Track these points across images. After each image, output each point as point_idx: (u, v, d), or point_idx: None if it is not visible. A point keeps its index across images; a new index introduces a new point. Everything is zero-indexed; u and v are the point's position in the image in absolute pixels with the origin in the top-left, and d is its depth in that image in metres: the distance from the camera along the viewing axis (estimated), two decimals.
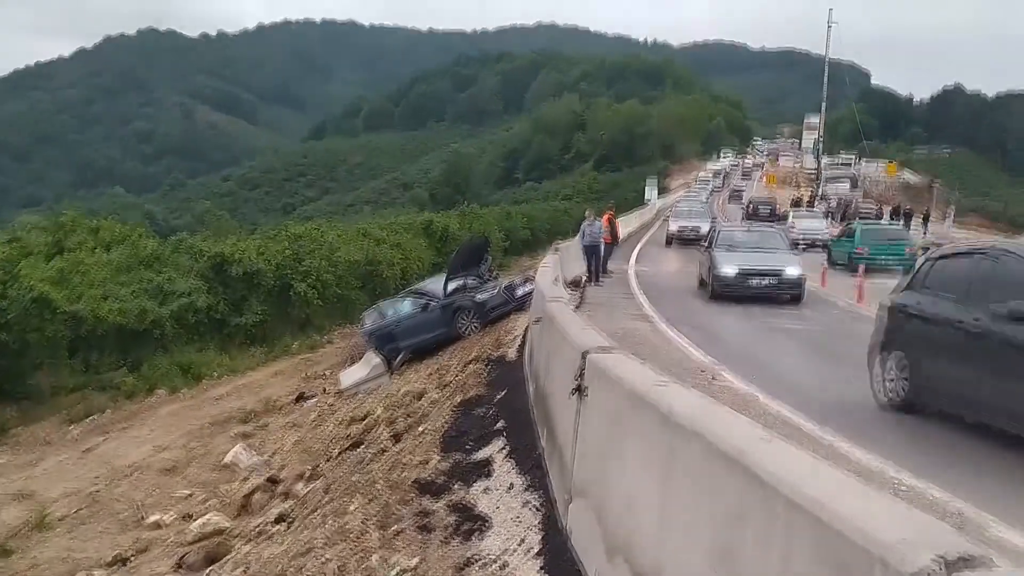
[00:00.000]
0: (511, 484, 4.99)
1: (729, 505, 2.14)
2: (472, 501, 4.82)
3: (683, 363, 9.08)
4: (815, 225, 32.09)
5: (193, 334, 20.65)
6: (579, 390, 3.95)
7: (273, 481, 9.43)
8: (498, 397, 7.88)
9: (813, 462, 2.08)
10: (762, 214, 41.33)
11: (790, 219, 34.74)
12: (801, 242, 27.19)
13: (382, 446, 8.46)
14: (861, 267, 18.58)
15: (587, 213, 19.78)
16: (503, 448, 5.87)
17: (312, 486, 8.39)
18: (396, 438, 8.56)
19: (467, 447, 6.21)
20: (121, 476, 12.72)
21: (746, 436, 2.28)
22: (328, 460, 9.52)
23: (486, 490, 5.00)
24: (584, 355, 3.94)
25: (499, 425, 6.61)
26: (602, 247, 19.24)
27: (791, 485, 1.82)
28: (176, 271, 21.35)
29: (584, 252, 19.08)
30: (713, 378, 8.13)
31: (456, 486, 5.12)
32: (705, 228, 26.20)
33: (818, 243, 28.32)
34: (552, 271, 11.15)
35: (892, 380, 6.98)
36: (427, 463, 5.70)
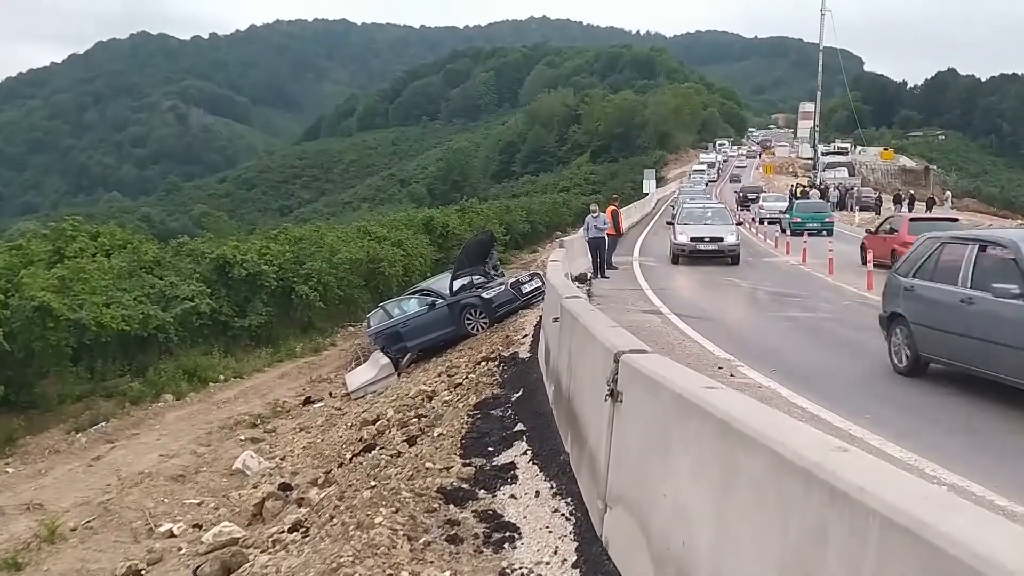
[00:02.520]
0: (537, 491, 4.86)
1: (806, 521, 2.02)
2: (500, 509, 4.70)
3: (700, 358, 8.94)
4: (777, 205, 39.24)
5: (198, 337, 20.52)
6: (612, 395, 3.82)
7: (285, 488, 9.29)
8: (515, 397, 7.77)
9: (900, 475, 1.95)
10: (751, 199, 48.09)
11: (760, 200, 43.47)
12: (767, 217, 36.61)
13: (396, 449, 8.33)
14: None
15: (592, 206, 19.62)
16: (526, 452, 5.75)
17: (326, 492, 8.26)
18: (410, 441, 8.43)
19: (488, 451, 6.09)
20: (131, 484, 12.58)
21: (818, 445, 2.15)
22: (341, 465, 9.38)
23: (512, 496, 4.87)
24: (617, 357, 3.81)
25: (519, 427, 6.49)
26: (606, 240, 19.09)
27: (886, 501, 1.69)
28: (178, 275, 21.19)
29: (589, 246, 18.94)
30: (732, 374, 7.99)
31: (481, 493, 4.99)
32: (732, 238, 20.66)
33: (776, 219, 35.00)
34: (563, 267, 11.01)
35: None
36: (450, 469, 5.57)
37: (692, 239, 20.63)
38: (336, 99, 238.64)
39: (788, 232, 28.29)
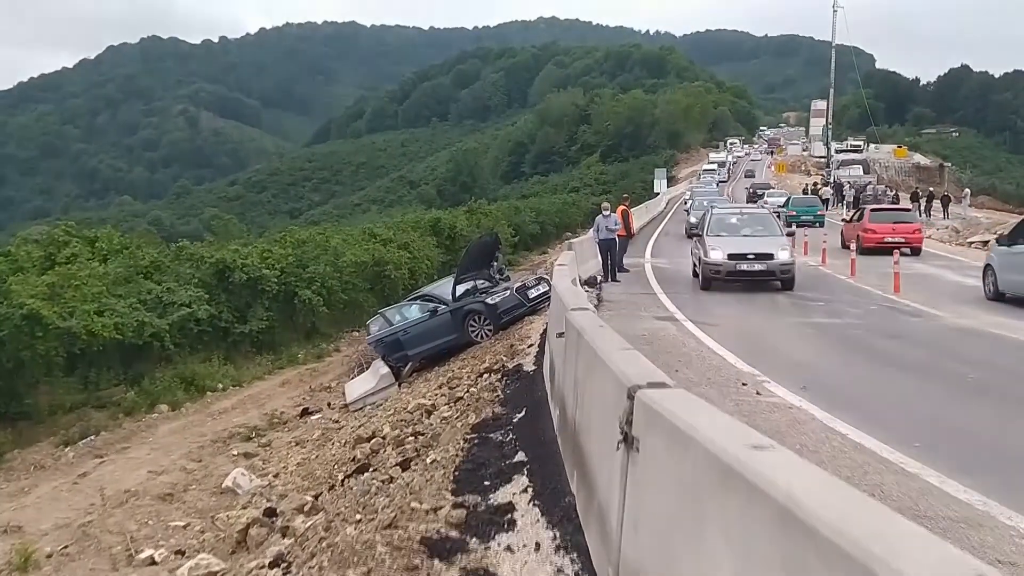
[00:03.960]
0: (538, 542, 4.11)
1: None
2: (492, 566, 3.95)
3: (721, 371, 8.17)
4: (778, 201, 38.76)
5: (196, 344, 19.90)
6: (626, 440, 3.07)
7: (271, 513, 8.59)
8: (516, 419, 7.02)
9: None
10: (759, 195, 47.92)
11: (765, 196, 44.15)
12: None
13: (389, 474, 7.63)
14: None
15: (603, 206, 18.83)
16: (526, 489, 5.00)
17: (312, 521, 7.56)
18: (404, 464, 7.73)
19: (484, 485, 5.34)
20: (115, 504, 11.91)
21: (940, 559, 1.40)
22: (331, 488, 8.68)
23: (508, 549, 4.12)
24: (631, 393, 3.07)
25: (519, 457, 5.74)
26: (617, 242, 18.32)
27: None
28: (177, 280, 20.57)
29: (599, 248, 18.17)
30: (758, 392, 7.21)
31: (473, 542, 4.25)
32: (784, 253, 15.61)
33: (776, 213, 35.75)
34: (569, 271, 10.22)
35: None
36: (439, 511, 4.83)
37: (731, 257, 15.41)
38: (346, 101, 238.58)
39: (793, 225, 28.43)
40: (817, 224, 31.90)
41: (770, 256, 15.39)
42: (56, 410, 16.86)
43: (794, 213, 33.07)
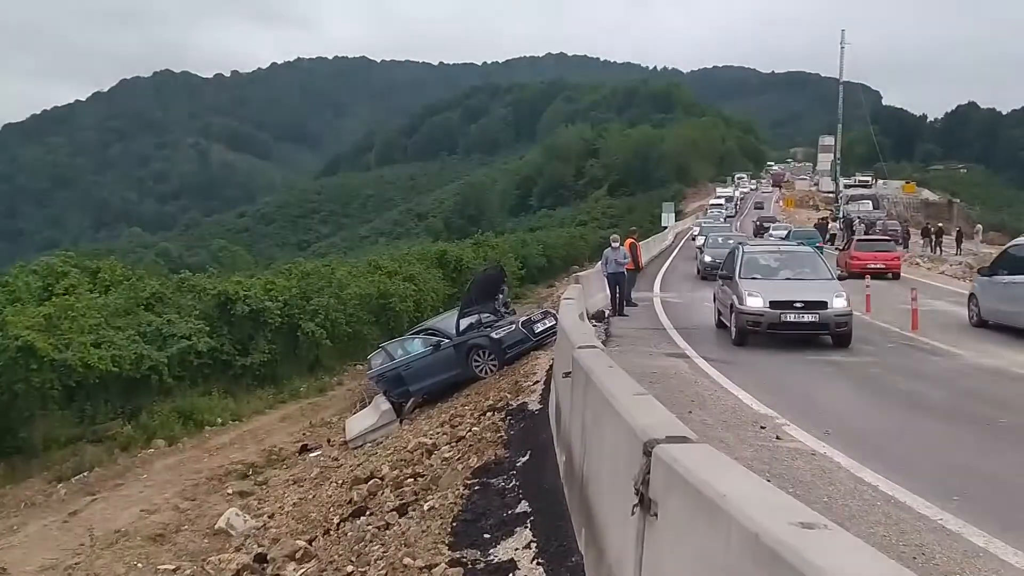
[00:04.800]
0: None
1: None
2: None
3: (737, 413, 7.74)
4: (780, 233, 40.65)
5: (197, 377, 19.55)
6: (643, 502, 2.67)
7: (262, 559, 8.15)
8: (520, 463, 6.60)
9: None
10: (766, 228, 49.00)
11: (771, 228, 46.09)
12: None
13: (385, 520, 7.20)
14: None
15: (612, 238, 18.48)
16: (529, 544, 4.57)
17: (303, 570, 7.14)
18: (402, 509, 7.30)
19: (484, 538, 4.93)
20: (104, 545, 11.49)
21: None
22: (326, 532, 8.24)
23: None
24: (648, 448, 2.68)
25: (522, 507, 5.32)
26: (625, 275, 17.95)
27: None
28: (178, 312, 20.26)
29: (607, 281, 17.79)
30: (777, 437, 6.77)
31: None
32: (840, 301, 12.66)
33: None
34: (576, 306, 9.82)
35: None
36: (433, 569, 4.41)
37: (774, 305, 12.48)
38: (355, 135, 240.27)
39: None
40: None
41: (823, 305, 12.53)
42: (51, 444, 16.48)
43: (795, 243, 34.10)
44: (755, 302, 12.64)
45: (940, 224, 49.58)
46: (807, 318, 12.47)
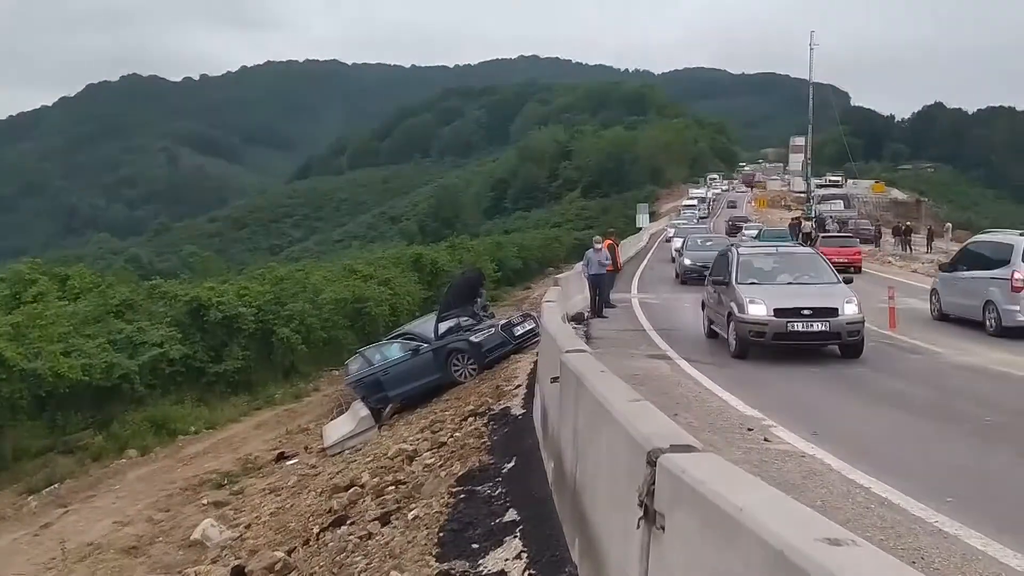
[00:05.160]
0: None
1: None
2: None
3: (723, 415, 7.66)
4: (751, 232, 40.95)
5: (169, 385, 19.20)
6: (647, 515, 2.56)
7: (239, 572, 7.95)
8: (506, 469, 6.48)
9: None
10: (739, 227, 49.60)
11: (743, 228, 46.75)
12: None
13: (367, 529, 7.05)
14: None
15: (595, 239, 18.43)
16: (520, 554, 4.45)
17: None
18: (384, 518, 7.15)
19: (472, 548, 4.80)
20: (77, 559, 11.22)
21: None
22: (305, 543, 8.06)
23: None
24: (653, 458, 2.57)
25: (511, 516, 5.19)
26: (604, 276, 17.89)
27: None
28: (149, 319, 19.92)
29: (589, 283, 17.69)
30: (766, 439, 6.69)
31: None
32: (851, 307, 11.54)
33: None
34: (559, 309, 9.71)
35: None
36: None
37: (779, 313, 11.30)
38: (328, 138, 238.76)
39: None
40: None
41: (833, 312, 11.37)
42: (21, 455, 16.15)
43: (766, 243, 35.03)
44: (758, 310, 11.45)
45: (909, 223, 50.22)
46: (817, 327, 11.32)
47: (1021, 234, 14.22)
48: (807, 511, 1.96)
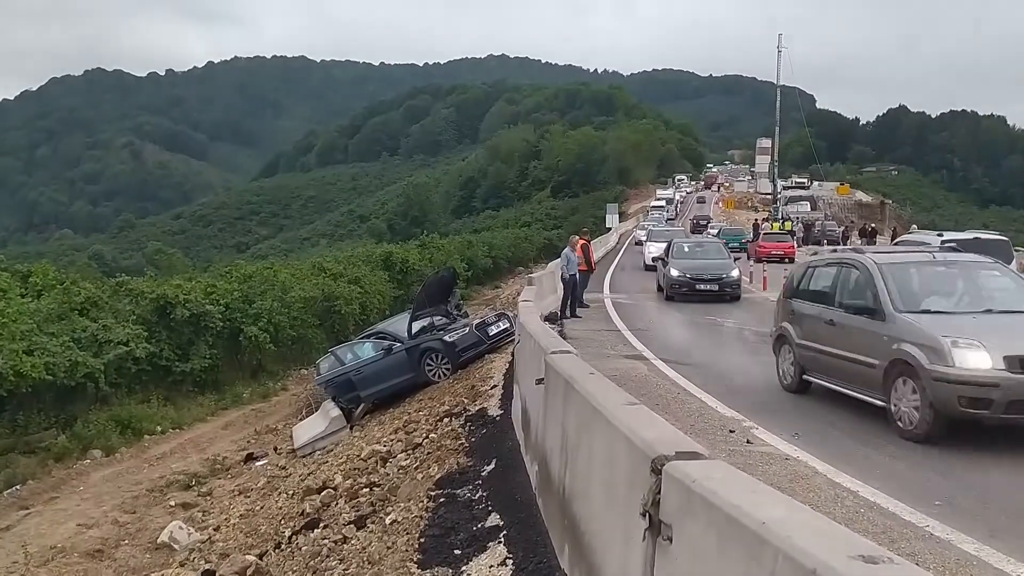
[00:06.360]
0: None
1: None
2: None
3: (703, 416, 7.62)
4: (713, 231, 46.68)
5: (135, 384, 18.82)
6: (652, 525, 2.46)
7: None
8: (486, 472, 6.37)
9: None
10: (702, 226, 55.93)
11: (708, 227, 53.65)
12: None
13: (342, 533, 6.90)
14: None
15: (572, 239, 18.39)
16: (504, 561, 4.33)
17: None
18: (359, 522, 7.00)
19: (455, 555, 4.68)
20: (39, 563, 10.91)
21: None
22: (278, 546, 7.88)
23: None
24: (658, 466, 2.47)
25: (493, 520, 5.08)
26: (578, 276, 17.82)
27: None
28: (114, 317, 19.49)
29: (565, 282, 17.61)
30: (748, 441, 6.65)
31: None
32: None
33: None
34: (536, 308, 9.61)
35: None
36: None
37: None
38: (295, 135, 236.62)
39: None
40: (741, 250, 37.29)
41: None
42: None
43: (724, 241, 36.08)
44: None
45: (873, 225, 51.03)
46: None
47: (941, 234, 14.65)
48: (836, 526, 1.88)
